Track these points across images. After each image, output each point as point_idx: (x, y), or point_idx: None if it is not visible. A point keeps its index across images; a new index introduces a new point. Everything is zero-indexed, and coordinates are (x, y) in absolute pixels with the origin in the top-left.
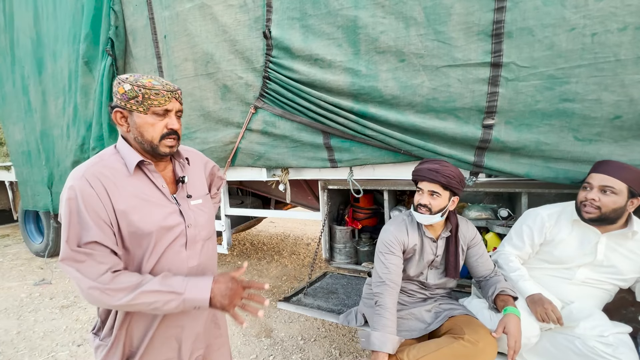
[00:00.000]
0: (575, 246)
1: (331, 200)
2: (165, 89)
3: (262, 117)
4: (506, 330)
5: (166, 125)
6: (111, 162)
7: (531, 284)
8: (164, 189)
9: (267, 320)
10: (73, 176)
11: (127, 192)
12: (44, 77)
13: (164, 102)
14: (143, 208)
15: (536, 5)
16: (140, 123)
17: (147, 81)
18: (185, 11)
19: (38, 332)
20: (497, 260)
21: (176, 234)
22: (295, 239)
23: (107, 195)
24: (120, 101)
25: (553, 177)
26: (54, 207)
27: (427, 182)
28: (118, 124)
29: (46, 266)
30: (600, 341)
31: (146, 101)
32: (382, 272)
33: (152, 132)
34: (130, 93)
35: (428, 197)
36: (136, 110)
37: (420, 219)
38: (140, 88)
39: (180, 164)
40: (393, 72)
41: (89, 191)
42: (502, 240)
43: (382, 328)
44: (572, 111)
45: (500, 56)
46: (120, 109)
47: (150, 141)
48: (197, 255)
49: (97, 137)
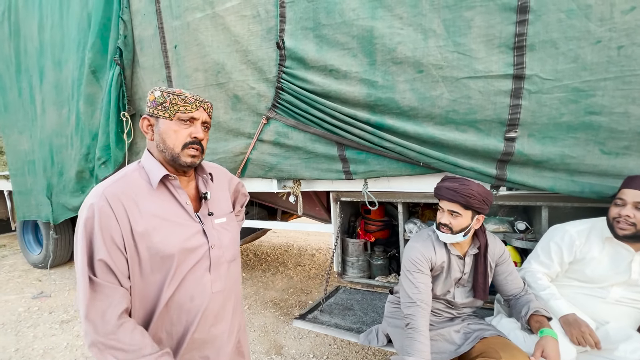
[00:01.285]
0: (607, 264)
1: (342, 212)
2: (194, 97)
3: (274, 127)
4: (545, 354)
5: (190, 134)
6: (134, 179)
7: (564, 303)
8: (187, 206)
9: (276, 336)
10: (94, 193)
11: (148, 211)
12: (44, 86)
13: (190, 109)
14: (165, 228)
15: (560, 18)
16: (164, 129)
17: (177, 90)
18: (196, 21)
19: (37, 349)
20: (525, 277)
21: (199, 257)
22: (299, 250)
23: (127, 217)
24: (149, 108)
25: (579, 191)
26: (54, 217)
27: (446, 201)
28: (144, 132)
29: (45, 278)
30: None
31: (173, 107)
32: (411, 292)
33: (175, 139)
34: (159, 99)
35: (448, 217)
36: (162, 117)
37: (442, 237)
38: (169, 94)
39: (204, 179)
40: (411, 83)
41: (107, 212)
42: (528, 257)
43: (417, 353)
44: (599, 124)
45: (522, 68)
46: (147, 116)
47: (172, 149)
48: (221, 279)
49: (103, 146)
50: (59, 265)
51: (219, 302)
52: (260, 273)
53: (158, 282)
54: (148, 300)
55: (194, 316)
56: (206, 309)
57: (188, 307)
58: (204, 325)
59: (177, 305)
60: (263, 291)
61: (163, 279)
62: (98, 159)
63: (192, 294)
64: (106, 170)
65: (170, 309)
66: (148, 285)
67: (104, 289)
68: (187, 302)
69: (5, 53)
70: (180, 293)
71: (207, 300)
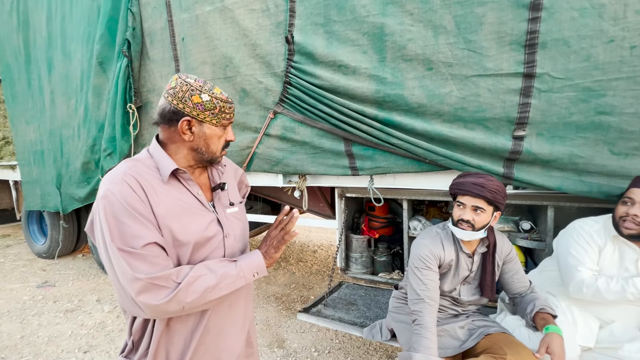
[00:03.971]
0: (616, 263)
1: (347, 208)
2: (232, 101)
3: (281, 122)
4: (550, 350)
5: (226, 138)
6: (148, 165)
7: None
8: (199, 196)
9: (278, 330)
10: (110, 180)
11: (165, 197)
12: (52, 77)
13: (232, 115)
14: (182, 216)
15: (573, 16)
16: (210, 134)
17: (218, 92)
18: (205, 14)
19: (42, 337)
20: (598, 289)
21: (214, 245)
22: (302, 246)
23: (147, 199)
24: (192, 110)
25: (587, 191)
26: (63, 207)
27: (471, 196)
28: (182, 132)
29: (49, 268)
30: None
31: (221, 114)
32: (419, 288)
33: (218, 144)
34: (208, 104)
35: (471, 213)
36: (209, 122)
37: (461, 235)
38: (219, 101)
39: (219, 171)
40: (420, 80)
41: (130, 194)
42: (568, 274)
43: (425, 350)
44: (609, 124)
45: (533, 67)
46: (190, 118)
47: (214, 152)
48: None
49: (109, 138)
50: (63, 255)
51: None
52: None
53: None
54: None
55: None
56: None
57: None
58: (219, 314)
59: None
60: (265, 286)
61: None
62: (104, 151)
63: None
64: (111, 161)
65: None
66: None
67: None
68: None
69: (14, 44)
70: None
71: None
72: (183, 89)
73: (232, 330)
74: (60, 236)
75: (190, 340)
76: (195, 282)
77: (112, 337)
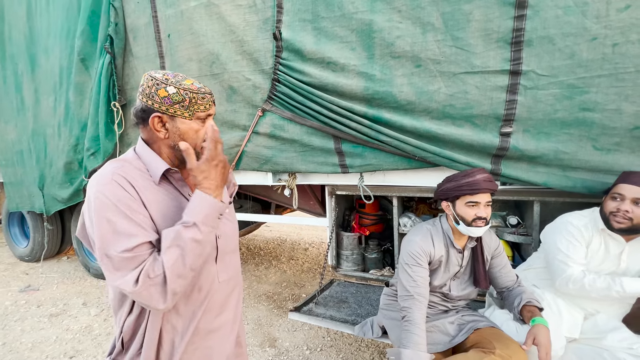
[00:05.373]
0: (602, 255)
1: (338, 206)
2: (208, 92)
3: (270, 120)
4: (536, 342)
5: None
6: (137, 166)
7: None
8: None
9: (270, 329)
10: (99, 181)
11: (154, 200)
12: (37, 74)
13: (208, 106)
14: (174, 220)
15: (557, 14)
16: (184, 129)
17: (189, 83)
18: (190, 9)
19: (26, 343)
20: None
21: None
22: (293, 244)
23: (139, 197)
24: (161, 105)
25: (571, 186)
26: (46, 208)
27: (484, 193)
28: (155, 129)
29: (32, 271)
30: (630, 353)
31: (192, 106)
32: (409, 285)
33: (196, 138)
34: (175, 97)
35: (486, 209)
36: (180, 116)
37: (478, 232)
38: (187, 92)
39: None
40: (409, 77)
41: (121, 192)
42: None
43: (414, 346)
44: (592, 120)
45: (519, 64)
46: (160, 114)
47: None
48: (226, 269)
49: (92, 137)
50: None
51: (225, 292)
52: (254, 267)
53: None
54: None
55: (199, 306)
56: (213, 299)
57: (195, 298)
58: (210, 315)
59: (184, 297)
60: (256, 285)
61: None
62: (87, 150)
63: (200, 285)
64: (95, 161)
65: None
66: None
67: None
68: (194, 292)
69: None
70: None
71: (215, 290)
72: (149, 84)
73: (223, 331)
74: (45, 238)
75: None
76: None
77: (99, 341)
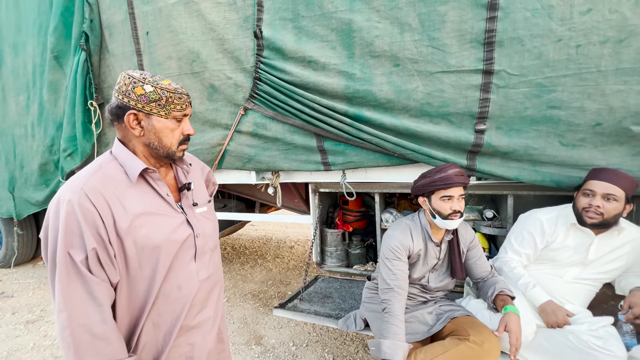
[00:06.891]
0: (571, 248)
1: (321, 203)
2: (185, 93)
3: (252, 118)
4: (507, 328)
5: (183, 132)
6: (111, 171)
7: (540, 291)
8: (168, 197)
9: (256, 327)
10: (70, 188)
11: (131, 205)
12: (3, 72)
13: (185, 107)
14: (150, 221)
15: (526, 16)
16: (160, 128)
17: (166, 83)
18: (168, 6)
19: (1, 351)
20: (502, 267)
21: (185, 246)
22: (278, 242)
23: (110, 213)
24: (137, 103)
25: (540, 180)
26: (17, 212)
27: (457, 187)
28: (130, 127)
29: (5, 278)
30: (592, 335)
31: (169, 105)
32: (389, 278)
33: (172, 138)
34: (152, 95)
35: (460, 202)
36: (157, 114)
37: (454, 225)
38: (164, 91)
39: (184, 170)
40: (388, 76)
41: (88, 208)
42: (503, 246)
43: (393, 336)
44: (558, 118)
45: (492, 64)
46: (136, 112)
47: (168, 147)
48: (206, 267)
49: (68, 137)
50: (21, 263)
51: (206, 289)
52: (239, 266)
53: (147, 277)
54: (137, 297)
55: (182, 305)
56: (194, 297)
57: (175, 297)
58: (192, 312)
59: (164, 296)
60: (242, 284)
61: (153, 273)
62: (63, 151)
63: (179, 283)
64: (73, 162)
65: (158, 300)
66: (137, 281)
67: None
68: (174, 291)
69: None
70: (167, 283)
71: (195, 288)
72: (126, 82)
73: (204, 327)
74: (16, 243)
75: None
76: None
77: None
